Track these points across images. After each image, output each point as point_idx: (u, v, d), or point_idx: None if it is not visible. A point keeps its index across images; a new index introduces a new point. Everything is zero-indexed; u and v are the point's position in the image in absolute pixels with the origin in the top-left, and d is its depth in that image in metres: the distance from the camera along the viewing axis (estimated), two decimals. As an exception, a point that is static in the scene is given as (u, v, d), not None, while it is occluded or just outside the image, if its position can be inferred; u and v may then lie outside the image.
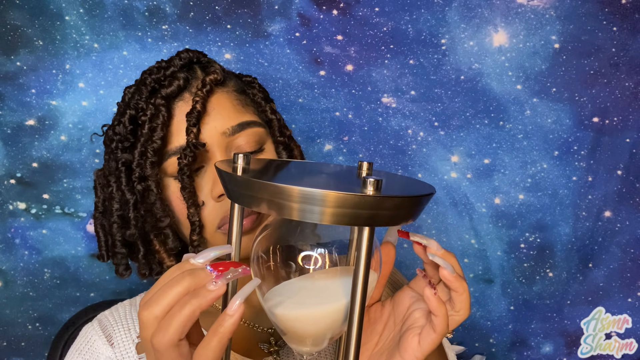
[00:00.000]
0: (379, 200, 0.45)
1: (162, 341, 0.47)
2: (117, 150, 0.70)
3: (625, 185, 1.14)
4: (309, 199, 0.45)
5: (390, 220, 0.47)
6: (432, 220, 1.15)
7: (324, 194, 0.44)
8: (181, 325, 0.47)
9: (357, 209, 0.45)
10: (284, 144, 0.76)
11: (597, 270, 1.17)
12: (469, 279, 1.18)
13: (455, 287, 0.56)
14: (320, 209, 0.45)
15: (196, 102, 0.67)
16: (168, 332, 0.47)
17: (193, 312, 0.47)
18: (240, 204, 0.50)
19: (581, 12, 1.09)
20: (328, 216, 0.45)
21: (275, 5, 1.07)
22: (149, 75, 0.71)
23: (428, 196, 0.49)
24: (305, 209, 0.46)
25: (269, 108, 0.76)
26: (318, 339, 0.56)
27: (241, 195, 0.49)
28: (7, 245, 1.09)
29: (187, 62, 0.73)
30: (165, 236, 0.71)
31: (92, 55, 1.06)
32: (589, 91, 1.12)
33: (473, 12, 1.09)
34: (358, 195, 0.44)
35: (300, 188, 0.45)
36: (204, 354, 0.47)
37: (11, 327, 1.12)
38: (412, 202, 0.48)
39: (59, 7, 1.04)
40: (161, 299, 0.48)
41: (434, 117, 1.12)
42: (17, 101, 1.05)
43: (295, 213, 0.46)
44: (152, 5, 1.06)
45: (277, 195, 0.46)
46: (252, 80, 0.79)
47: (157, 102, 0.68)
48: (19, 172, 1.07)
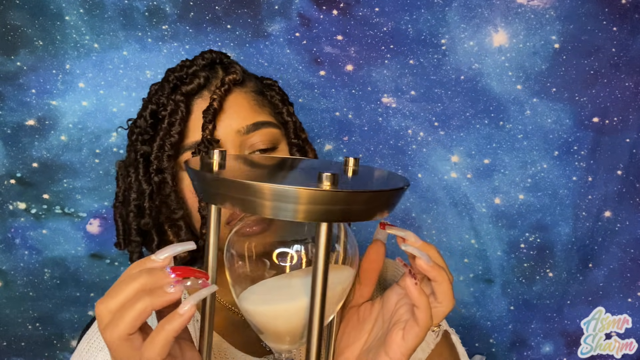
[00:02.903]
0: (334, 195, 0.44)
1: (112, 335, 0.49)
2: (137, 143, 0.73)
3: (625, 185, 1.14)
4: (257, 192, 0.45)
5: (353, 215, 0.46)
6: (432, 220, 1.15)
7: (263, 187, 0.45)
8: (132, 320, 0.48)
9: (313, 204, 0.45)
10: (298, 146, 0.77)
11: (597, 270, 1.17)
12: (469, 279, 1.18)
13: (433, 276, 0.56)
14: (272, 204, 0.45)
15: (213, 100, 0.70)
16: (119, 326, 0.48)
17: (145, 308, 0.48)
18: (212, 202, 0.50)
19: (581, 12, 1.09)
20: (291, 212, 0.45)
21: (275, 5, 1.07)
22: (172, 72, 0.74)
23: (397, 190, 0.48)
24: (261, 204, 0.46)
25: (286, 110, 0.78)
26: (294, 336, 0.56)
27: (211, 193, 0.49)
28: (7, 245, 1.09)
29: (209, 62, 0.76)
30: (178, 228, 0.74)
31: (92, 55, 1.06)
32: (589, 91, 1.12)
33: (473, 12, 1.09)
34: (313, 190, 0.44)
35: (250, 182, 0.45)
36: (150, 349, 0.48)
37: (11, 327, 1.12)
38: (373, 197, 0.47)
39: (59, 7, 1.04)
40: (117, 294, 0.49)
41: (434, 117, 1.12)
42: (17, 101, 1.05)
43: (264, 210, 0.46)
44: (152, 5, 1.06)
45: (245, 192, 0.46)
46: (273, 83, 0.81)
47: (176, 98, 0.71)
48: (19, 172, 1.07)
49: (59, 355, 1.14)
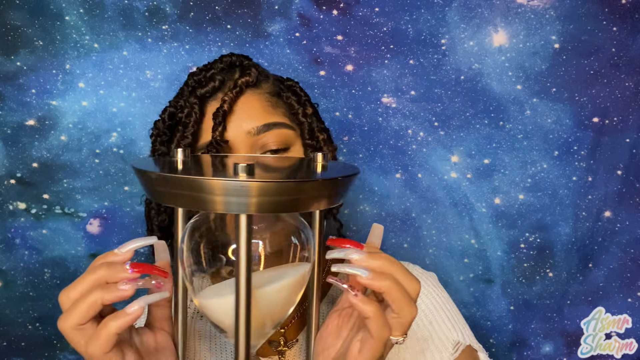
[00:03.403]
0: (248, 186, 0.44)
1: (64, 324, 0.52)
2: (157, 143, 0.77)
3: (625, 185, 1.14)
4: (176, 185, 0.46)
5: (275, 207, 0.46)
6: (432, 220, 1.15)
7: (181, 179, 0.46)
8: (83, 311, 0.51)
9: (228, 196, 0.45)
10: (313, 147, 0.77)
11: (597, 270, 1.17)
12: (469, 279, 1.18)
13: (377, 287, 0.52)
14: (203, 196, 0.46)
15: (224, 102, 0.72)
16: (70, 316, 0.51)
17: (95, 301, 0.51)
18: (159, 201, 0.51)
19: (581, 12, 1.09)
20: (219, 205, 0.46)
21: (275, 5, 1.07)
22: (192, 76, 0.77)
23: (314, 182, 0.47)
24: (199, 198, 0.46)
25: (302, 111, 0.78)
26: (258, 332, 0.56)
27: (157, 192, 0.50)
28: (7, 245, 1.09)
29: (228, 65, 0.78)
30: None
31: (92, 55, 1.06)
32: (589, 91, 1.12)
33: (473, 12, 1.09)
34: (225, 181, 0.44)
35: (170, 175, 0.47)
36: (93, 343, 0.51)
37: (11, 327, 1.12)
38: (285, 188, 0.46)
39: (59, 7, 1.04)
40: (78, 284, 0.53)
41: (434, 117, 1.12)
42: (17, 101, 1.05)
43: (184, 203, 0.47)
44: (152, 5, 1.06)
45: (166, 185, 0.47)
46: (293, 84, 0.82)
47: (191, 100, 0.74)
48: (19, 172, 1.08)
49: (59, 355, 1.14)
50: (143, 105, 1.08)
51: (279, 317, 0.57)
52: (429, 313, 0.79)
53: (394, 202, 1.13)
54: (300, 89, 0.82)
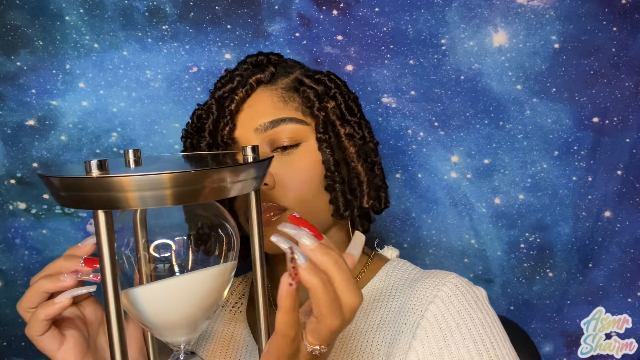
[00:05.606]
0: (93, 181, 0.44)
1: (18, 306, 0.60)
2: (186, 144, 0.80)
3: (625, 185, 1.14)
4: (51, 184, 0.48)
5: (125, 204, 0.45)
6: (432, 220, 1.15)
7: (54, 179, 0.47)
8: (30, 296, 0.59)
9: (82, 192, 0.45)
10: (326, 142, 0.74)
11: (597, 270, 1.17)
12: (469, 279, 1.17)
13: (305, 281, 0.47)
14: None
15: (232, 101, 0.74)
16: (23, 299, 0.59)
17: (38, 288, 0.58)
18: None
19: (581, 12, 1.09)
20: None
21: (275, 5, 1.07)
22: (219, 79, 0.79)
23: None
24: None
25: (317, 105, 0.75)
26: (188, 326, 0.57)
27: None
28: (7, 245, 1.09)
29: (252, 65, 0.80)
30: None
31: (92, 55, 1.06)
32: (589, 91, 1.12)
33: (473, 12, 1.09)
34: (73, 178, 0.45)
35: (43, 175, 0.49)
36: (29, 327, 0.59)
37: (11, 327, 1.12)
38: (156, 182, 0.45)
39: (59, 7, 1.04)
40: (43, 270, 0.60)
41: (434, 117, 1.12)
42: (17, 101, 1.06)
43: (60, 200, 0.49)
44: (152, 5, 1.06)
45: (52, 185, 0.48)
46: (320, 77, 0.79)
47: (209, 102, 0.76)
48: (19, 172, 1.08)
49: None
50: (143, 105, 1.08)
51: (209, 306, 0.57)
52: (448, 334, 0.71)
53: (394, 202, 1.13)
54: (331, 80, 0.79)
